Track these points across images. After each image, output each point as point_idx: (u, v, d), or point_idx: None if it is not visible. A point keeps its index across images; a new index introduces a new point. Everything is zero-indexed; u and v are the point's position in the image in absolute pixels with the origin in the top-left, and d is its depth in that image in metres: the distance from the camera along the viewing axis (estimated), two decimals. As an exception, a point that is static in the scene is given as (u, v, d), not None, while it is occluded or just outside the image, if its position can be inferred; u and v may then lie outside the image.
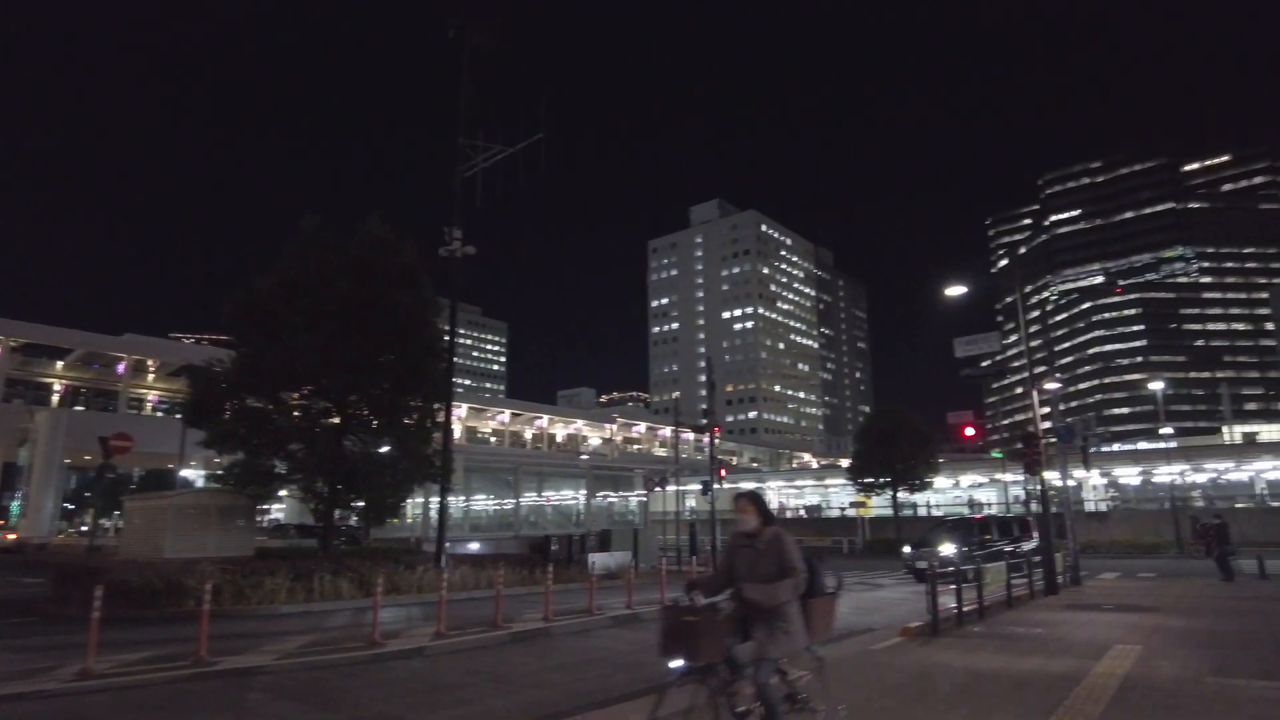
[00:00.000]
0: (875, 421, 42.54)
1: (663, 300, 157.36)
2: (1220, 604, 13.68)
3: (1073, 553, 18.78)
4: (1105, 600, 14.63)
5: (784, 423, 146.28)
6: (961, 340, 19.63)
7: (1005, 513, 41.31)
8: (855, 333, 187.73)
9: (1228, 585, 18.26)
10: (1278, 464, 43.27)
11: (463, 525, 30.21)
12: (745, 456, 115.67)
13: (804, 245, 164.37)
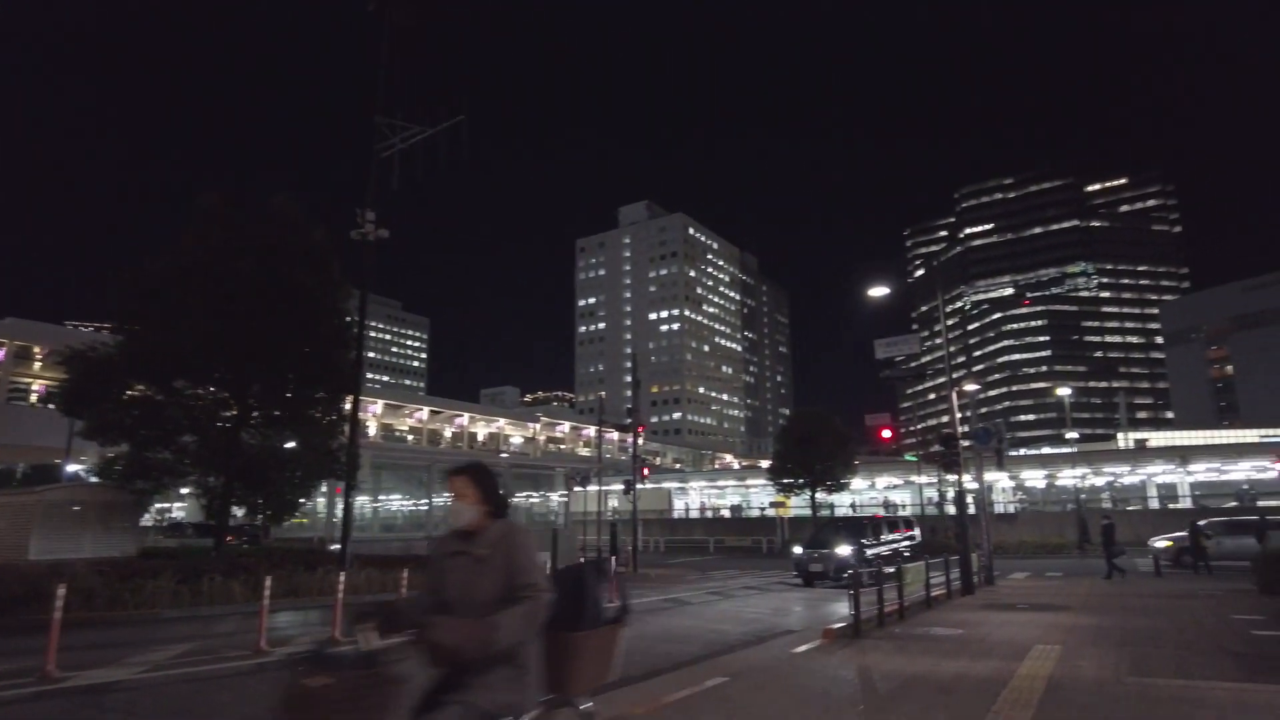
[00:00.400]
0: (796, 422, 42.96)
1: (590, 300, 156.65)
2: (1126, 602, 13.97)
3: (987, 553, 19.07)
4: (1020, 599, 14.79)
5: (707, 424, 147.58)
6: (882, 342, 19.73)
7: (921, 513, 42.29)
8: (777, 337, 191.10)
9: (1130, 583, 18.85)
10: (1168, 468, 45.68)
11: (372, 525, 28.92)
12: (669, 457, 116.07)
13: (730, 250, 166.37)
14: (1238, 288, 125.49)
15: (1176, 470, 45.22)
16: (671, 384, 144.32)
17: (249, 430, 17.76)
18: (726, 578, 24.34)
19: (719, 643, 10.34)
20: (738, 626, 12.19)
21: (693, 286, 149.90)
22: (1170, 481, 46.58)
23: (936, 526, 38.37)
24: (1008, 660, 8.03)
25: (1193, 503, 43.71)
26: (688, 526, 51.93)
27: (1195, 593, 15.62)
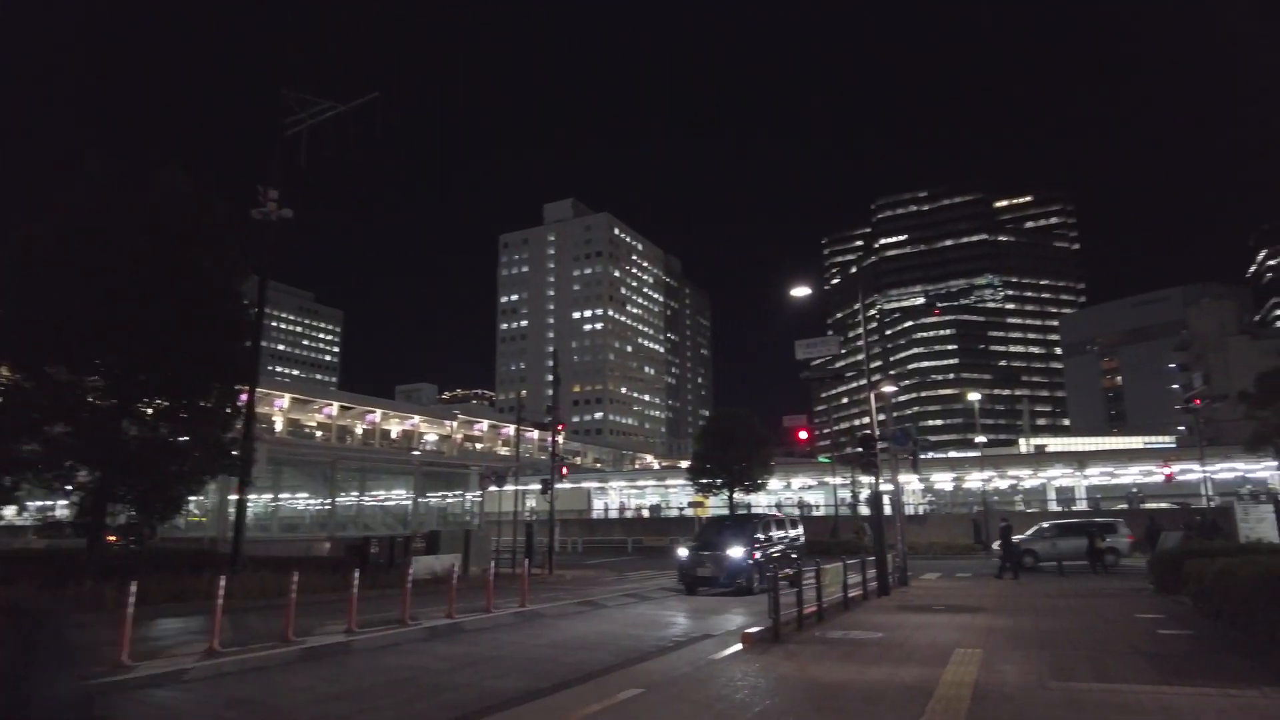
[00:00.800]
0: (716, 423, 42.96)
1: (512, 296, 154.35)
2: (1035, 603, 14.17)
3: (901, 554, 19.23)
4: (934, 601, 14.85)
5: (628, 424, 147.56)
6: (803, 343, 19.66)
7: (835, 514, 42.94)
8: (699, 340, 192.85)
9: (1031, 584, 19.33)
10: (1067, 471, 47.84)
11: (271, 525, 27.29)
12: (589, 457, 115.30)
13: (655, 251, 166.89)
14: (1129, 304, 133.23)
15: (1074, 474, 47.37)
16: (594, 384, 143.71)
17: (131, 421, 16.25)
18: (644, 579, 23.94)
19: (634, 650, 9.84)
20: (654, 631, 11.73)
21: (617, 287, 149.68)
22: (1069, 485, 48.78)
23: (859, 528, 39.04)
24: (931, 666, 7.79)
25: (1088, 504, 45.88)
26: (607, 527, 51.44)
27: (1096, 592, 16.04)
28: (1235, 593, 9.43)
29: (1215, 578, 10.21)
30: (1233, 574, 9.58)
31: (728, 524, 21.59)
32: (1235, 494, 42.72)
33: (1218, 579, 10.16)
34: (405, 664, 9.09)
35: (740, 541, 18.83)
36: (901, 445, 19.21)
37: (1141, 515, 31.64)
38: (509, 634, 11.65)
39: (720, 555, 18.43)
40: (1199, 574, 11.21)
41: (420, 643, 10.82)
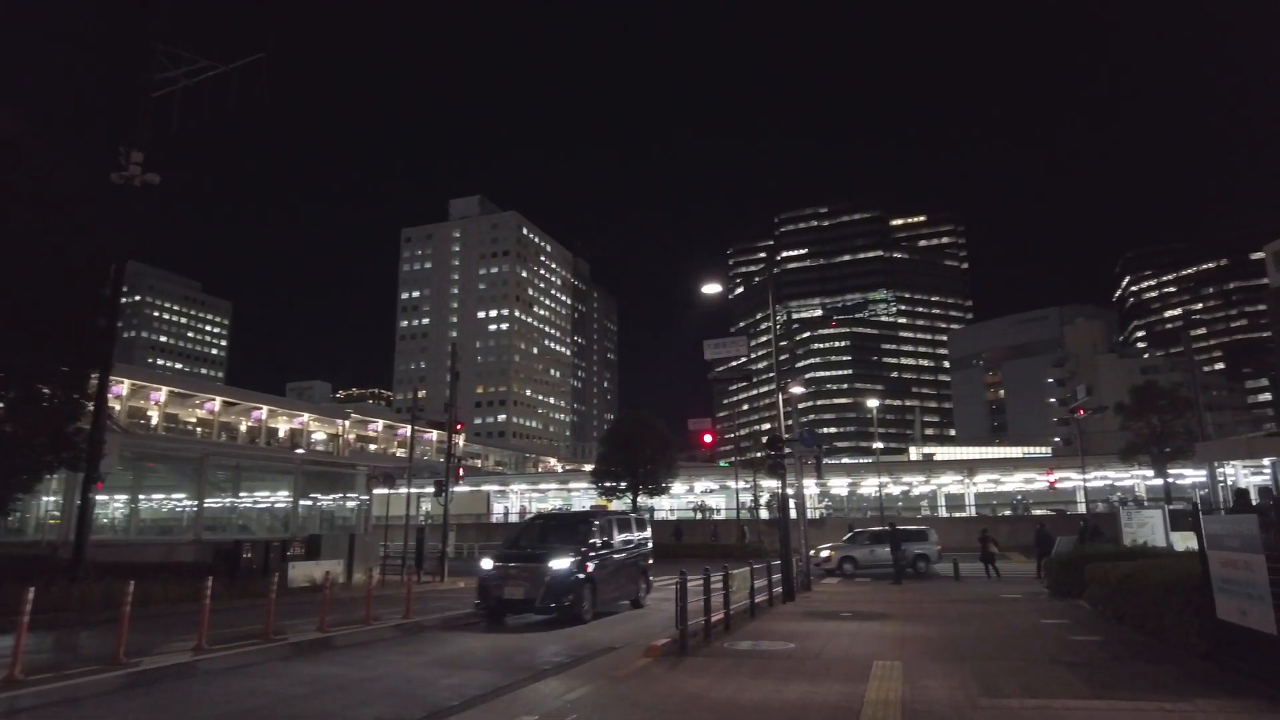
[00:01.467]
0: (621, 425, 42.29)
1: (414, 293, 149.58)
2: (940, 609, 13.99)
3: (805, 558, 18.95)
4: (841, 607, 14.48)
5: (533, 427, 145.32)
6: (711, 343, 19.15)
7: (736, 517, 42.95)
8: (606, 344, 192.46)
9: (930, 589, 19.44)
10: (957, 478, 49.61)
11: (128, 527, 24.71)
12: (491, 459, 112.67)
13: (563, 253, 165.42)
14: (1011, 321, 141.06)
15: (964, 481, 49.17)
16: (498, 385, 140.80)
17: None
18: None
19: (527, 666, 8.86)
20: (551, 644, 10.77)
21: (524, 287, 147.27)
22: (958, 492, 50.62)
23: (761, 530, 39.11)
24: (852, 682, 7.19)
25: (976, 510, 47.70)
26: (506, 531, 49.71)
27: (993, 597, 16.09)
28: (1142, 598, 9.33)
29: (1121, 583, 10.15)
30: (1139, 579, 9.49)
31: (554, 524, 16.11)
32: (1108, 500, 45.36)
33: (1123, 584, 10.09)
34: (256, 689, 7.80)
35: (568, 549, 13.56)
36: (809, 447, 18.95)
37: (1028, 521, 33.03)
38: (387, 651, 10.45)
39: (538, 568, 13.13)
40: (1102, 578, 11.20)
41: (282, 662, 9.49)
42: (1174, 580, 8.22)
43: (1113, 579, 10.50)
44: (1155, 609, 8.81)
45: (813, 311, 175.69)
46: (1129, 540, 18.06)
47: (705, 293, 17.18)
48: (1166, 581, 8.43)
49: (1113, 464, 43.35)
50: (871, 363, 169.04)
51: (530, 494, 62.00)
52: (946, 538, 39.18)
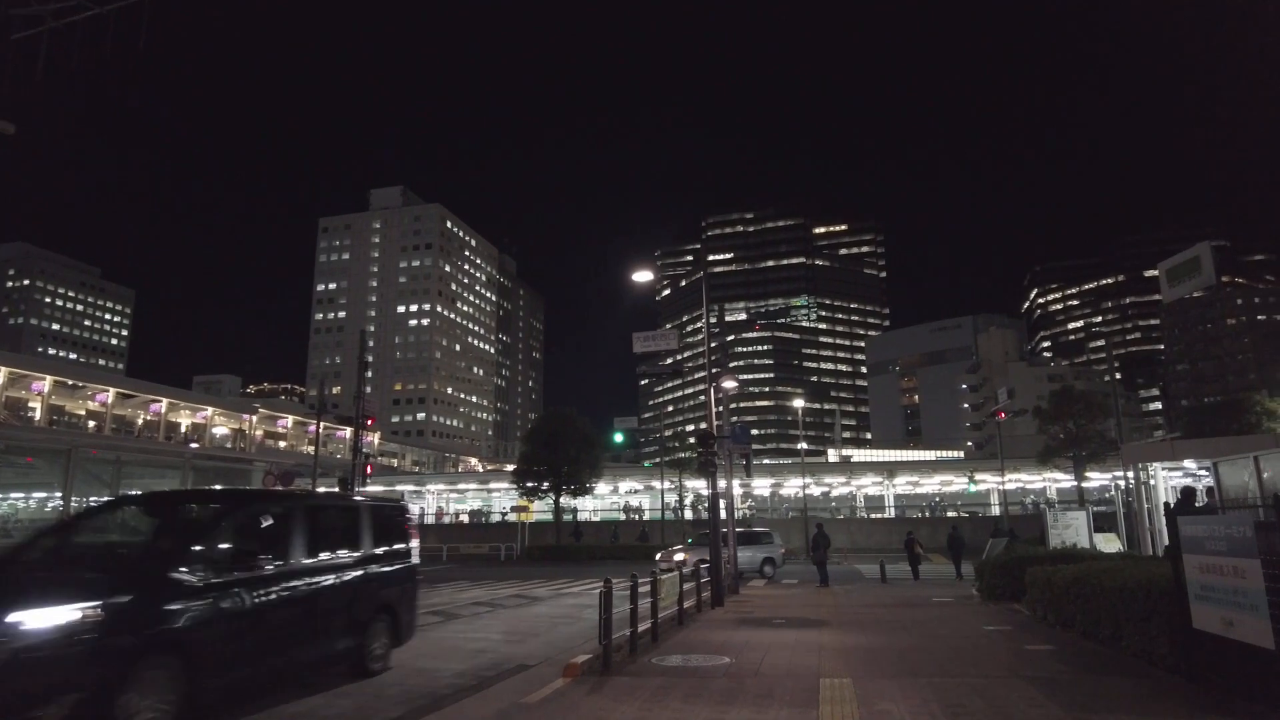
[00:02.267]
0: (545, 422, 40.88)
1: (330, 285, 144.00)
2: (876, 615, 13.35)
3: (734, 560, 18.19)
4: (773, 613, 13.68)
5: (454, 426, 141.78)
6: (641, 335, 18.20)
7: (661, 519, 42.09)
8: (532, 343, 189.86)
9: (860, 591, 18.95)
10: (877, 480, 50.19)
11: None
12: (408, 459, 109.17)
13: (489, 249, 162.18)
14: (926, 329, 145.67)
15: (884, 483, 49.76)
16: (417, 382, 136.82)
17: None
18: (455, 591, 21.48)
19: (424, 692, 7.62)
20: (455, 662, 9.54)
21: (447, 282, 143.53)
22: (878, 494, 51.22)
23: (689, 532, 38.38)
24: (800, 705, 6.27)
25: (895, 512, 48.31)
26: (421, 533, 47.52)
27: (928, 600, 15.64)
28: (1094, 604, 8.78)
29: (1068, 587, 9.62)
30: (1091, 584, 8.94)
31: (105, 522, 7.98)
32: (1022, 503, 46.63)
33: (1071, 589, 9.56)
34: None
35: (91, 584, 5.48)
36: (741, 444, 18.18)
37: (945, 523, 33.38)
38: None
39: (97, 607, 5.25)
40: (1045, 582, 10.70)
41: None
42: (1135, 585, 7.64)
43: (1058, 583, 9.99)
44: (1110, 616, 8.26)
45: (737, 315, 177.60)
46: (1055, 542, 17.93)
47: (635, 280, 16.19)
48: (1126, 586, 7.86)
49: (1027, 467, 44.54)
50: (793, 366, 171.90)
51: (448, 494, 59.87)
52: (867, 539, 39.49)
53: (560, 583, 23.40)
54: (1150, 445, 18.87)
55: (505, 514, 50.20)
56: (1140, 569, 8.17)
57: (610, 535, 40.38)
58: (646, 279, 16.26)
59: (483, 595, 19.21)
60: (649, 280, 16.30)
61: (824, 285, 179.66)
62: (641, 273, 16.29)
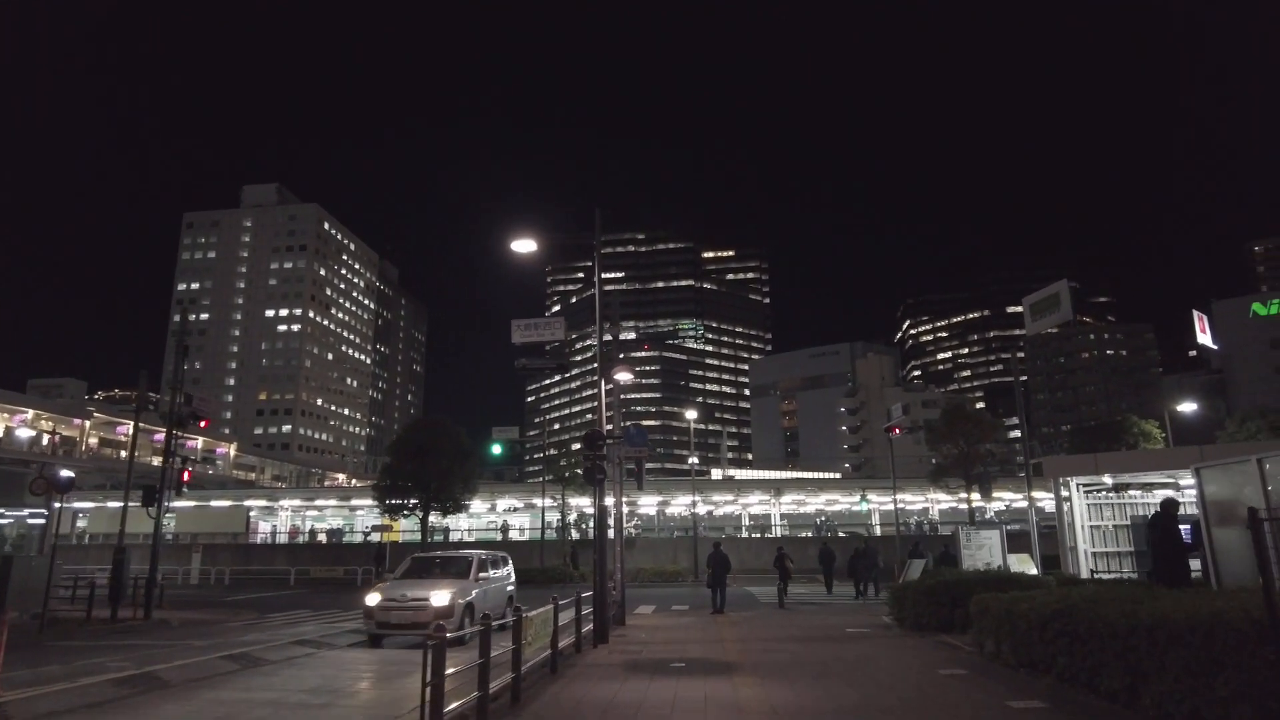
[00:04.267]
0: (414, 431, 36.80)
1: (193, 285, 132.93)
2: (791, 651, 11.10)
3: (620, 586, 15.66)
4: (668, 651, 11.18)
5: (323, 440, 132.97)
6: (521, 323, 15.51)
7: (541, 538, 38.90)
8: (413, 355, 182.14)
9: (759, 619, 16.83)
10: (764, 499, 48.99)
11: None
12: (268, 473, 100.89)
13: (369, 254, 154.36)
14: (806, 354, 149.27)
15: (771, 501, 48.60)
16: (284, 392, 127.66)
17: None
18: (286, 623, 17.85)
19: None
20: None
21: (321, 286, 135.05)
22: (764, 512, 50.02)
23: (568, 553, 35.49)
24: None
25: (779, 531, 47.14)
26: (268, 554, 42.36)
27: (843, 632, 13.58)
28: (1098, 647, 6.77)
29: (1050, 622, 7.60)
30: (1087, 619, 6.94)
31: None
32: (906, 523, 46.48)
33: (1051, 625, 7.55)
34: None
35: None
36: (637, 445, 15.70)
37: (842, 543, 32.20)
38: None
39: None
40: (1006, 614, 8.72)
41: None
42: (1179, 623, 5.58)
43: (1026, 616, 8.01)
44: (1123, 665, 6.26)
45: (627, 334, 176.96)
46: (968, 563, 16.48)
47: (516, 250, 13.53)
48: (1163, 624, 5.80)
49: (911, 487, 44.44)
50: (680, 387, 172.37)
51: (308, 511, 54.38)
52: (756, 558, 37.83)
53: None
54: (1073, 459, 17.85)
55: (368, 534, 45.74)
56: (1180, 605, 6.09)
57: (568, 557, 36.59)
58: (529, 249, 13.62)
59: (314, 631, 15.78)
60: (532, 250, 13.65)
61: (711, 308, 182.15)
62: (523, 242, 13.64)
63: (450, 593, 12.94)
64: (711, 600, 18.54)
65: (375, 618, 13.01)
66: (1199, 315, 35.22)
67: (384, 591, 13.44)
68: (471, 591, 13.53)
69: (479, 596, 13.66)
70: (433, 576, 14.02)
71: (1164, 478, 16.95)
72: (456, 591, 13.09)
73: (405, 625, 12.74)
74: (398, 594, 13.12)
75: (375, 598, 13.25)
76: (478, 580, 14.04)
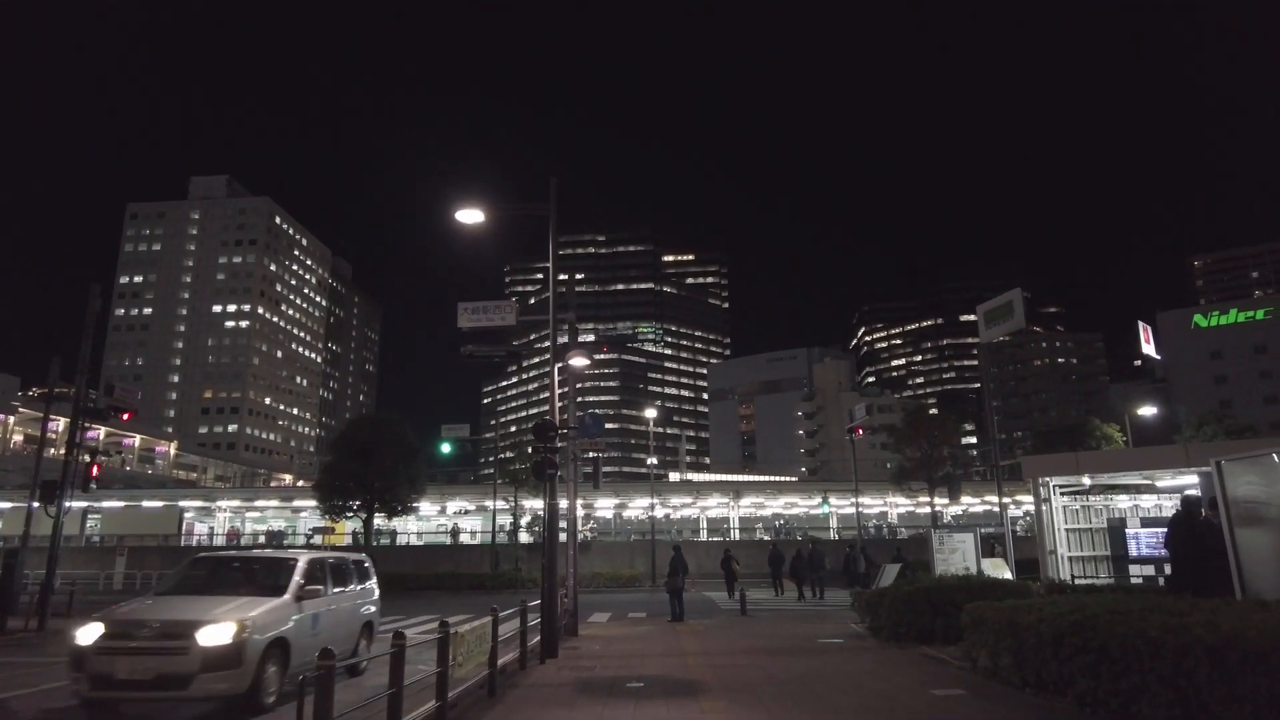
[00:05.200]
0: (358, 428, 34.81)
1: (136, 278, 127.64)
2: (763, 667, 9.98)
3: (572, 593, 14.40)
4: (625, 669, 9.94)
5: (271, 440, 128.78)
6: (468, 306, 14.20)
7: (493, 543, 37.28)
8: (365, 354, 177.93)
9: (721, 626, 15.72)
10: (724, 501, 48.09)
11: None
12: (210, 473, 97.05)
13: (322, 250, 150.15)
14: (764, 359, 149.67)
15: (730, 504, 47.72)
16: (231, 390, 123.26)
17: None
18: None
19: None
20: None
21: (271, 282, 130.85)
22: (723, 515, 49.10)
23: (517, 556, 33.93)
24: None
25: (738, 534, 46.25)
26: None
27: (814, 642, 12.50)
28: (1124, 666, 5.75)
29: (1067, 636, 6.57)
30: (1119, 632, 5.90)
31: None
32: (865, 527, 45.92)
33: (1073, 637, 6.51)
34: None
35: None
36: (593, 436, 14.45)
37: (780, 545, 31.30)
38: None
39: None
40: (1009, 625, 7.70)
41: None
42: (1256, 642, 4.54)
43: (1037, 630, 6.98)
44: (1172, 691, 5.21)
45: (586, 336, 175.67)
46: (941, 568, 15.59)
47: (462, 220, 12.19)
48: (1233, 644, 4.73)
49: (870, 490, 43.89)
50: (638, 390, 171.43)
51: (248, 513, 51.88)
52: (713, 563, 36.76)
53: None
54: (1054, 458, 17.12)
55: (310, 537, 43.63)
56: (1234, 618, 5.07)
57: (497, 561, 34.78)
58: (476, 220, 12.28)
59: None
60: (480, 222, 12.32)
61: (670, 311, 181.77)
62: (469, 212, 12.30)
63: (238, 621, 7.42)
64: (670, 608, 17.32)
65: (89, 669, 7.25)
66: (1144, 326, 35.97)
67: (114, 619, 7.69)
68: (288, 619, 8.17)
69: (301, 628, 8.33)
70: (219, 590, 8.59)
71: (1140, 479, 16.38)
72: (255, 619, 7.65)
73: (143, 684, 7.18)
74: (138, 622, 7.54)
75: (93, 631, 7.42)
76: (301, 599, 8.60)
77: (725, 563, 22.10)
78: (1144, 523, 15.37)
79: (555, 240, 12.96)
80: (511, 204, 12.31)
